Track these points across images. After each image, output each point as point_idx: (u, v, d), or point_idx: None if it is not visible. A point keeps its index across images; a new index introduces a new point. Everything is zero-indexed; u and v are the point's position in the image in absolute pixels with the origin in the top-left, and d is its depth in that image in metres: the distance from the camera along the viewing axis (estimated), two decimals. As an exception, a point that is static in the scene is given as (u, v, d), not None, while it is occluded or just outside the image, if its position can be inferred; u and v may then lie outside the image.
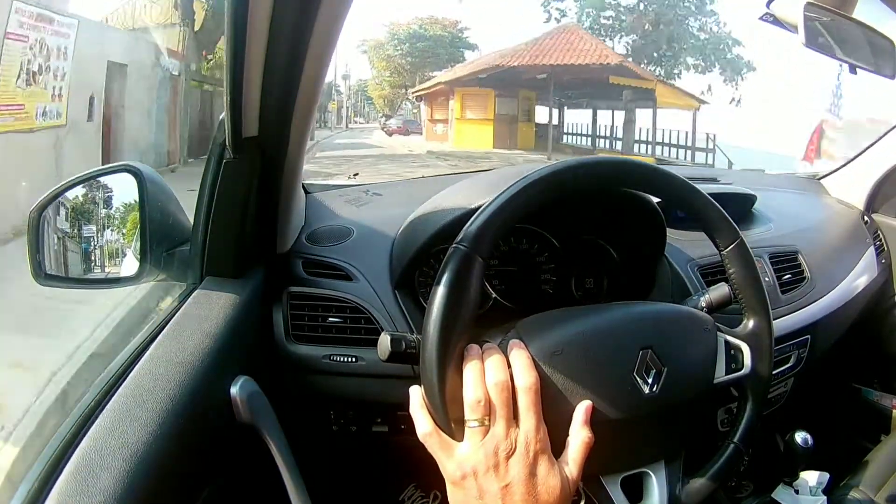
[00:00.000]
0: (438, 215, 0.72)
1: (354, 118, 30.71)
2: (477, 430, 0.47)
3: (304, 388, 0.75)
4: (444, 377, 0.48)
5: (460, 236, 0.50)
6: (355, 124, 29.65)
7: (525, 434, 0.47)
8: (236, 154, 0.60)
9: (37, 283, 0.64)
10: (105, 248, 0.70)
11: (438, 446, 0.49)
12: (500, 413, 0.47)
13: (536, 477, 0.47)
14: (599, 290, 0.85)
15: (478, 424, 0.47)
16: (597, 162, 0.55)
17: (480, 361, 0.49)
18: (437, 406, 0.48)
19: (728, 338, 0.57)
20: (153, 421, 0.51)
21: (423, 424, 0.49)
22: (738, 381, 0.58)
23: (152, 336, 0.60)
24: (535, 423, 0.48)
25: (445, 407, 0.48)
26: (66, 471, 0.46)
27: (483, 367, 0.49)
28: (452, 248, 0.49)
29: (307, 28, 0.51)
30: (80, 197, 0.68)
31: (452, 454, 0.48)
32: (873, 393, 1.18)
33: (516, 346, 0.50)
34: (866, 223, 1.18)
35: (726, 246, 0.58)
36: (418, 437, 0.50)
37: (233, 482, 0.64)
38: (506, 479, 0.47)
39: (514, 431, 0.47)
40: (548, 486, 0.47)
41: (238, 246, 0.68)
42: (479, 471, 0.47)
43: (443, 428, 0.49)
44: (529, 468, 0.47)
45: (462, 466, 0.48)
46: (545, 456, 0.48)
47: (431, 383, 0.48)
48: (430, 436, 0.49)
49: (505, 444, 0.47)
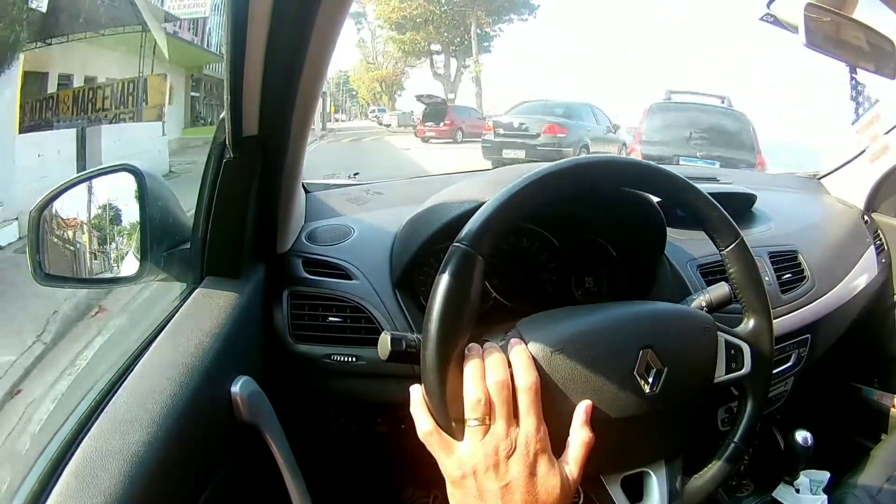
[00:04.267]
0: (439, 214, 0.72)
1: (335, 114, 23.28)
2: (477, 430, 0.47)
3: (305, 387, 0.75)
4: (444, 376, 0.48)
5: (461, 234, 0.50)
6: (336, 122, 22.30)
7: (525, 433, 0.47)
8: (236, 153, 0.60)
9: (37, 282, 0.64)
10: (105, 248, 0.70)
11: (438, 445, 0.49)
12: (500, 412, 0.47)
13: (536, 476, 0.47)
14: (599, 290, 0.85)
15: (478, 423, 0.47)
16: (598, 161, 0.55)
17: (481, 360, 0.49)
18: (437, 405, 0.48)
19: (728, 337, 0.57)
20: (153, 421, 0.51)
21: (423, 423, 0.49)
22: (739, 381, 0.58)
23: (152, 336, 0.60)
24: (535, 423, 0.48)
25: (445, 406, 0.48)
26: (66, 471, 0.46)
27: (483, 367, 0.49)
28: (453, 246, 0.49)
29: (307, 28, 0.51)
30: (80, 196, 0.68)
31: (452, 453, 0.48)
32: (873, 392, 1.18)
33: (517, 346, 0.50)
34: (866, 223, 1.18)
35: (727, 245, 0.58)
36: (418, 435, 0.50)
37: (233, 482, 0.64)
38: (506, 479, 0.47)
39: (514, 431, 0.47)
40: (548, 485, 0.47)
41: (238, 245, 0.68)
42: (479, 470, 0.47)
43: (443, 427, 0.49)
44: (529, 467, 0.47)
45: (462, 465, 0.47)
46: (545, 455, 0.48)
47: (432, 382, 0.48)
48: (430, 435, 0.49)
49: (505, 444, 0.47)
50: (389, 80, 21.50)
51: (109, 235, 0.69)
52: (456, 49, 17.79)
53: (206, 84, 12.98)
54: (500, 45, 16.06)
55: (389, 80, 21.49)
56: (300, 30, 0.51)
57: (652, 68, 38.30)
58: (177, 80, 11.39)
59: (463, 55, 18.06)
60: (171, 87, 10.66)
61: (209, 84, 12.96)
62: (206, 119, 12.78)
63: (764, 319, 0.59)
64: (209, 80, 12.87)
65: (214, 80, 12.84)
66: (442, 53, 18.20)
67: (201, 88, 12.88)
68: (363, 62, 21.41)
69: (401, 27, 17.73)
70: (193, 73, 12.49)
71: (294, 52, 0.53)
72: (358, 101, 25.74)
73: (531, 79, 36.85)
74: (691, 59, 44.35)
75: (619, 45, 34.91)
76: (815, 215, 1.16)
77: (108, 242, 0.69)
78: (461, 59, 18.36)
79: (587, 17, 43.40)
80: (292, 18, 0.50)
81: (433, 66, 18.89)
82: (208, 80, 12.94)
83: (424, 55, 18.52)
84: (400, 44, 18.37)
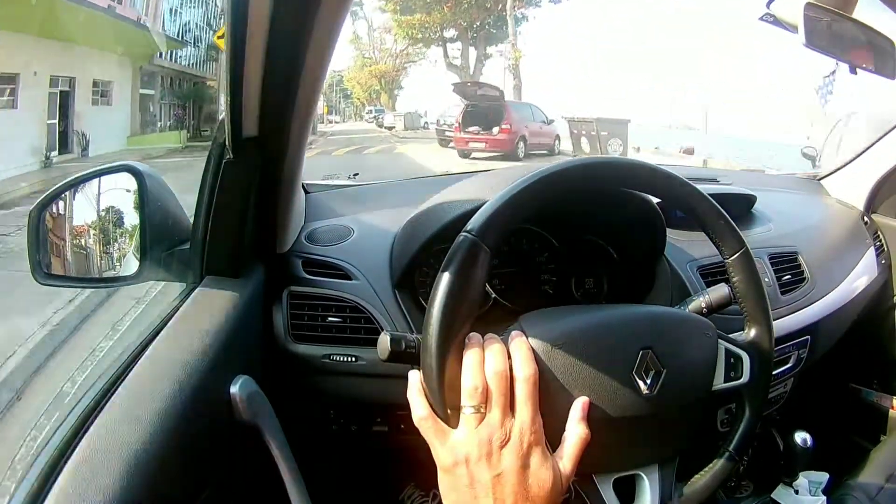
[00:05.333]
0: (439, 215, 0.72)
1: (327, 115, 20.70)
2: (472, 417, 0.47)
3: (304, 387, 0.75)
4: (443, 363, 0.48)
5: (468, 226, 0.50)
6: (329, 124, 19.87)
7: (520, 424, 0.47)
8: (236, 154, 0.60)
9: (37, 282, 0.64)
10: (105, 248, 0.70)
11: (433, 432, 0.49)
12: (496, 402, 0.47)
13: (529, 469, 0.47)
14: (599, 291, 0.85)
15: (473, 411, 0.47)
16: (604, 162, 0.55)
17: (481, 350, 0.49)
18: (434, 391, 0.48)
19: (729, 346, 0.57)
20: (153, 421, 0.51)
21: (418, 408, 0.49)
22: (737, 390, 0.58)
23: (152, 335, 0.60)
24: (531, 415, 0.48)
25: (443, 392, 0.48)
26: (65, 470, 0.46)
27: (483, 356, 0.49)
28: (460, 236, 0.49)
29: (307, 28, 0.51)
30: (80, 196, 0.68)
31: (446, 440, 0.48)
32: (873, 393, 1.18)
33: (517, 337, 0.50)
34: (866, 223, 1.18)
35: (731, 254, 0.58)
36: (413, 420, 0.50)
37: (233, 482, 0.64)
38: (497, 469, 0.46)
39: (509, 421, 0.47)
40: (539, 478, 0.47)
41: (238, 245, 0.68)
42: (472, 458, 0.47)
43: (438, 413, 0.49)
44: (522, 459, 0.47)
45: (455, 453, 0.47)
46: (539, 448, 0.48)
47: (430, 368, 0.48)
48: (425, 420, 0.49)
49: (499, 433, 0.47)
50: (390, 76, 18.66)
51: (109, 235, 0.69)
52: (475, 35, 14.49)
53: (163, 79, 10.49)
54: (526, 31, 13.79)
55: (390, 75, 18.62)
56: (300, 30, 0.51)
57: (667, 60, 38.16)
58: (117, 71, 8.48)
59: (483, 42, 14.71)
60: (108, 83, 7.88)
61: (168, 78, 10.44)
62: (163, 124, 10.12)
63: (765, 330, 0.59)
64: (168, 73, 10.40)
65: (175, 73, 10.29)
66: (457, 40, 14.82)
67: (157, 84, 10.36)
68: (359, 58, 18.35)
69: (407, 8, 14.40)
70: (143, 63, 9.79)
71: (294, 53, 0.53)
72: (352, 101, 22.67)
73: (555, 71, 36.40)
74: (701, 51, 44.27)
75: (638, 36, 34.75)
76: (815, 216, 1.16)
77: (107, 242, 0.69)
78: (481, 48, 15.01)
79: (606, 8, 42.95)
80: (292, 19, 0.50)
81: (447, 55, 15.32)
82: (167, 74, 10.39)
83: (436, 42, 14.95)
84: (408, 29, 14.70)
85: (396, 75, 18.55)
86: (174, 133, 10.40)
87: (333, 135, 15.17)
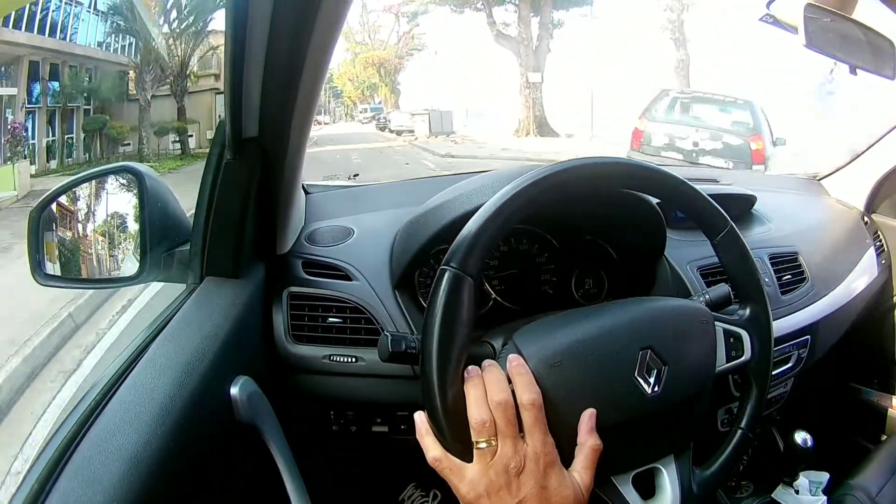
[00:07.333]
0: (438, 215, 0.72)
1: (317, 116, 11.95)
2: (486, 451, 0.48)
3: (304, 388, 0.75)
4: (446, 401, 0.48)
5: (448, 257, 0.49)
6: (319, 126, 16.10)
7: (533, 449, 0.48)
8: (236, 155, 0.60)
9: (37, 282, 0.64)
10: (105, 248, 0.70)
11: (449, 471, 0.49)
12: (506, 432, 0.48)
13: (548, 489, 0.48)
14: (599, 291, 0.85)
15: (486, 446, 0.48)
16: (581, 165, 0.54)
17: (481, 381, 0.49)
18: (443, 431, 0.49)
19: (726, 326, 0.58)
20: (153, 421, 0.51)
21: (432, 450, 0.50)
22: (741, 368, 0.58)
23: (152, 336, 0.60)
24: (541, 438, 0.48)
25: (452, 431, 0.48)
26: (65, 471, 0.46)
27: (484, 388, 0.49)
28: (440, 269, 0.49)
29: (307, 28, 0.51)
30: (80, 197, 0.68)
31: (464, 477, 0.49)
32: (872, 393, 1.18)
33: (516, 362, 0.51)
34: (866, 223, 1.18)
35: (717, 234, 0.58)
36: (428, 462, 0.50)
37: (233, 482, 0.64)
38: (519, 496, 0.47)
39: (521, 448, 0.48)
40: (560, 496, 0.48)
41: (238, 246, 0.68)
42: (493, 490, 0.48)
43: (451, 452, 0.49)
44: (541, 481, 0.48)
45: (475, 488, 0.48)
46: (555, 468, 0.48)
47: (435, 408, 0.48)
48: (440, 461, 0.49)
49: (514, 462, 0.47)
50: (391, 65, 14.43)
51: (109, 236, 0.69)
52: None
53: (38, 67, 6.91)
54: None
55: (391, 63, 14.39)
56: (300, 31, 0.51)
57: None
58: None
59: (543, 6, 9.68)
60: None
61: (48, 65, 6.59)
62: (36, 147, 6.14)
63: (760, 305, 0.59)
64: (48, 56, 6.70)
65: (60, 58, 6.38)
66: (509, 1, 9.80)
67: (20, 77, 6.99)
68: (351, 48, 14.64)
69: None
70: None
71: (294, 54, 0.53)
72: (343, 101, 19.41)
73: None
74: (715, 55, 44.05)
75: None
76: (815, 216, 1.16)
77: (108, 243, 0.69)
78: (546, 10, 10.29)
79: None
80: (292, 19, 0.50)
81: (492, 22, 10.35)
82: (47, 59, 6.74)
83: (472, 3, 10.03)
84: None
85: (399, 63, 14.46)
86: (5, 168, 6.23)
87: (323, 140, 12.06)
